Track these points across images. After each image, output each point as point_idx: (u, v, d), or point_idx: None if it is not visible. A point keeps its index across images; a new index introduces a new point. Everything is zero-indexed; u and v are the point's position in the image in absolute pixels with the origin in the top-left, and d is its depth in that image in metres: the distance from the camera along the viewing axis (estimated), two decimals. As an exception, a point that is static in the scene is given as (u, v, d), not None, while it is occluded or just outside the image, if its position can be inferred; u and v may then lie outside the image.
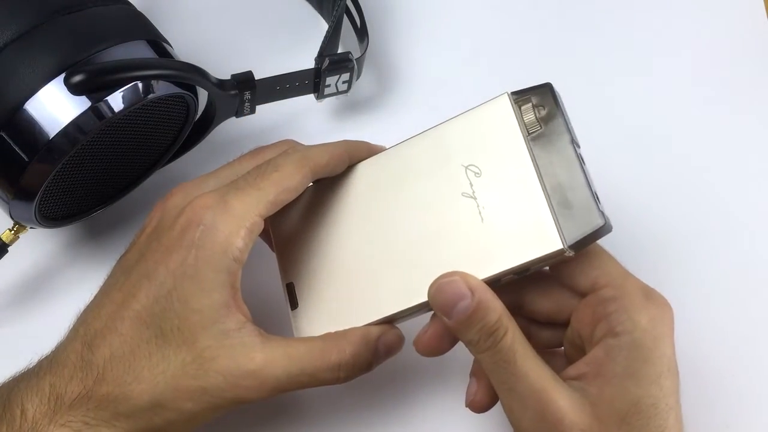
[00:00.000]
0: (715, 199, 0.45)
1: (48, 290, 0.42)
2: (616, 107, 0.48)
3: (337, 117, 0.47)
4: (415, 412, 0.40)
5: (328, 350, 0.33)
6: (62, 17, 0.35)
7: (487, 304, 0.31)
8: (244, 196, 0.33)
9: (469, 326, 0.31)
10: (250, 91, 0.40)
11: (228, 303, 0.32)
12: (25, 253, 0.42)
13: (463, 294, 0.31)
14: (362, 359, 0.33)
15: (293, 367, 0.32)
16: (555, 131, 0.33)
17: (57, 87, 0.34)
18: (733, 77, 0.49)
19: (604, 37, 0.50)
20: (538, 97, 0.33)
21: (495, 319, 0.31)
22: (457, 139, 0.34)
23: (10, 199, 0.36)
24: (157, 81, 0.36)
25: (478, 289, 0.31)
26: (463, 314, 0.31)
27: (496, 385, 0.32)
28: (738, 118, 0.48)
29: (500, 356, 0.31)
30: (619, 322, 0.31)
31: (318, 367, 0.33)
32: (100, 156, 0.37)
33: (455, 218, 0.33)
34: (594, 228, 0.31)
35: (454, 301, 0.31)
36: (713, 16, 0.50)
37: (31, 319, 0.41)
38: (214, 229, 0.32)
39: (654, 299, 0.32)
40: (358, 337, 0.33)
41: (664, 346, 0.31)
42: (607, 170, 0.45)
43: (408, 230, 0.34)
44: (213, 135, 0.42)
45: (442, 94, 0.48)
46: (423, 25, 0.50)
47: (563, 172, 0.32)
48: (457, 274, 0.31)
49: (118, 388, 0.31)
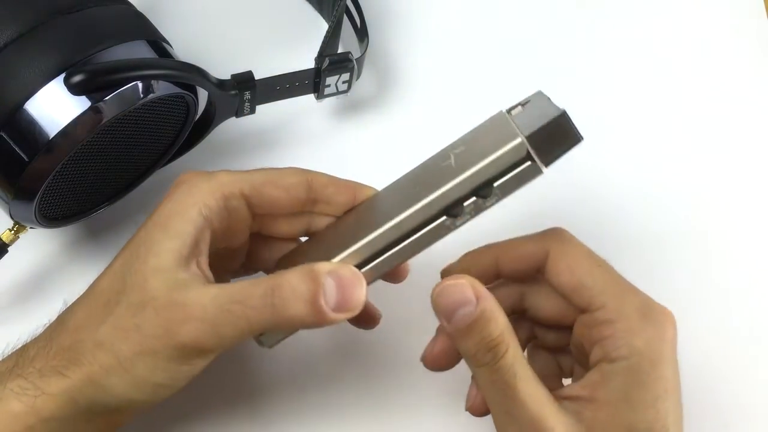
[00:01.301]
0: (715, 199, 0.45)
1: (48, 290, 0.42)
2: (616, 107, 0.48)
3: (337, 117, 0.47)
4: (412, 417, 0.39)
5: (263, 280, 0.30)
6: (62, 17, 0.35)
7: (490, 315, 0.30)
8: (231, 173, 0.33)
9: (469, 335, 0.30)
10: (250, 91, 0.40)
11: (186, 255, 0.31)
12: (25, 253, 0.42)
13: (467, 299, 0.30)
14: (301, 289, 0.29)
15: (222, 295, 0.30)
16: (538, 104, 0.32)
17: (57, 87, 0.34)
18: (733, 77, 0.49)
19: (602, 36, 0.50)
20: (531, 103, 0.33)
21: (497, 333, 0.30)
22: (452, 147, 0.33)
23: (10, 199, 0.36)
24: (157, 81, 0.36)
25: (484, 297, 0.30)
26: (464, 321, 0.30)
27: (490, 404, 0.31)
28: (738, 118, 0.48)
29: (499, 375, 0.30)
30: (614, 348, 0.30)
31: (248, 294, 0.30)
32: (99, 156, 0.37)
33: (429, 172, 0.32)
34: (551, 117, 0.29)
35: (456, 306, 0.30)
36: (713, 16, 0.50)
37: (32, 319, 0.41)
38: (194, 187, 0.32)
39: (652, 318, 0.31)
40: (299, 268, 0.30)
41: (662, 368, 0.30)
42: (606, 169, 0.46)
43: (389, 204, 0.33)
44: (213, 135, 0.42)
45: (441, 94, 0.48)
46: (423, 25, 0.50)
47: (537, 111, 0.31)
48: (464, 278, 0.30)
49: (76, 335, 0.31)
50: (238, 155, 0.46)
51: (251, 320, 0.30)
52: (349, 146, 0.46)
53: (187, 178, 0.33)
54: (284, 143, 0.46)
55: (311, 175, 0.34)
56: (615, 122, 0.47)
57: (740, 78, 0.49)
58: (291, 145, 0.46)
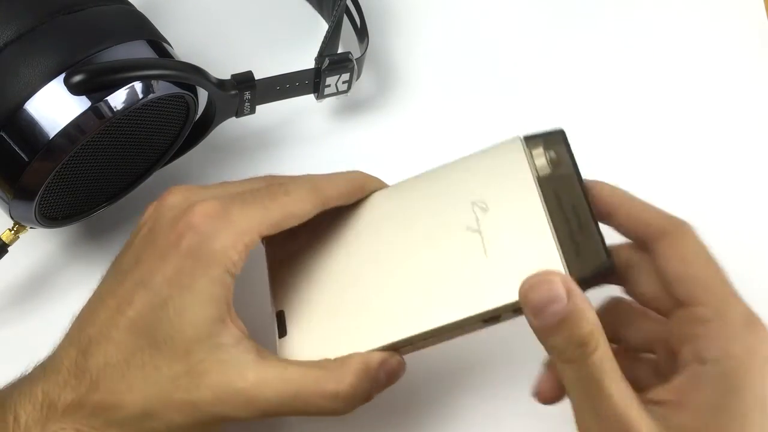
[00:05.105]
0: (715, 199, 0.45)
1: (48, 290, 0.42)
2: (616, 107, 0.48)
3: (337, 117, 0.47)
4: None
5: (326, 377, 0.31)
6: (62, 17, 0.35)
7: (581, 314, 0.28)
8: (248, 211, 0.32)
9: (558, 332, 0.28)
10: (250, 91, 0.40)
11: (223, 317, 0.31)
12: (25, 253, 0.42)
13: (558, 296, 0.28)
14: (362, 389, 0.32)
15: (286, 390, 0.31)
16: (564, 174, 0.33)
17: (57, 87, 0.34)
18: (733, 77, 0.49)
19: (603, 36, 0.50)
20: (550, 142, 0.34)
21: (588, 330, 0.28)
22: (466, 176, 0.35)
23: (10, 199, 0.36)
24: (157, 81, 0.36)
25: (575, 294, 0.28)
26: (554, 318, 0.28)
27: (574, 401, 0.30)
28: (738, 118, 0.48)
29: (587, 372, 0.29)
30: (708, 349, 0.29)
31: (313, 393, 0.31)
32: (100, 156, 0.37)
33: (459, 251, 0.33)
34: (599, 266, 0.31)
35: (546, 302, 0.28)
36: (713, 16, 0.50)
37: (31, 319, 0.41)
38: (213, 240, 0.31)
39: (755, 329, 0.29)
40: (359, 365, 0.32)
41: (757, 382, 0.28)
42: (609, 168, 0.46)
43: (411, 260, 0.34)
44: (213, 135, 0.42)
45: (441, 94, 0.48)
46: (423, 25, 0.50)
47: (571, 212, 0.32)
48: (556, 275, 0.29)
49: (111, 396, 0.31)
50: (238, 155, 0.46)
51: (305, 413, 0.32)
52: (349, 146, 0.46)
53: (198, 224, 0.31)
54: (284, 143, 0.46)
55: (324, 197, 0.34)
56: (614, 122, 0.47)
57: (740, 78, 0.49)
58: (291, 145, 0.46)
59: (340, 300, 0.34)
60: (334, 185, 0.35)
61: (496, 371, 0.40)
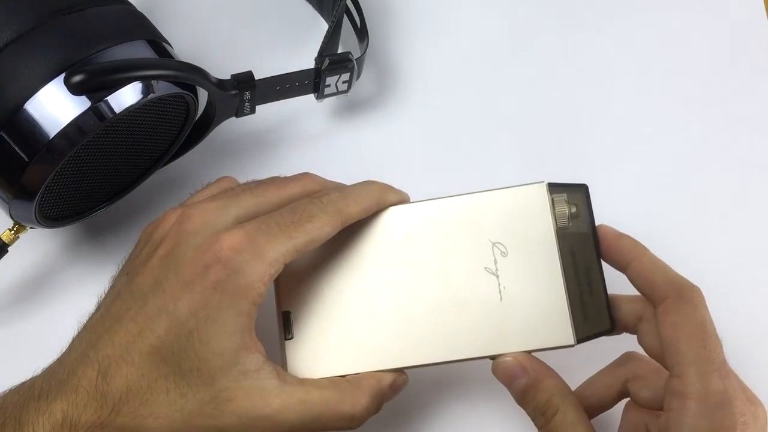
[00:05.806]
0: (714, 198, 0.45)
1: (48, 290, 0.42)
2: (615, 107, 0.48)
3: (337, 117, 0.47)
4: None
5: (343, 400, 0.33)
6: (62, 17, 0.35)
7: (537, 385, 0.33)
8: (274, 242, 0.33)
9: (525, 402, 0.34)
10: (250, 91, 0.40)
11: (247, 344, 0.32)
12: (25, 253, 0.42)
13: (517, 374, 0.34)
14: (374, 408, 0.34)
15: (307, 414, 0.33)
16: (582, 231, 0.35)
17: (57, 87, 0.34)
18: (733, 77, 0.49)
19: (604, 37, 0.50)
20: (573, 195, 0.35)
21: (545, 399, 0.33)
22: (489, 212, 0.36)
23: (10, 199, 0.36)
24: (157, 81, 0.36)
25: (532, 369, 0.33)
26: (518, 390, 0.34)
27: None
28: (738, 118, 0.48)
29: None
30: (676, 425, 0.30)
31: (332, 416, 0.33)
32: (100, 156, 0.37)
33: (475, 290, 0.35)
34: (602, 333, 0.34)
35: (511, 379, 0.34)
36: (713, 16, 0.50)
37: (31, 319, 0.41)
38: (241, 275, 0.32)
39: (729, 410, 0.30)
40: (372, 387, 0.34)
41: None
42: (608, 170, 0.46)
43: (427, 289, 0.35)
44: (213, 135, 0.42)
45: (442, 94, 0.48)
46: (423, 25, 0.50)
47: (584, 273, 0.34)
48: (510, 356, 0.34)
49: (134, 420, 0.31)
50: (238, 155, 0.46)
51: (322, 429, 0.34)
52: (349, 146, 0.46)
53: (226, 259, 0.32)
54: (284, 143, 0.46)
55: (346, 218, 0.35)
56: (614, 122, 0.47)
57: (740, 78, 0.49)
58: (291, 145, 0.46)
59: (353, 315, 0.35)
60: (357, 204, 0.35)
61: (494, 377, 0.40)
